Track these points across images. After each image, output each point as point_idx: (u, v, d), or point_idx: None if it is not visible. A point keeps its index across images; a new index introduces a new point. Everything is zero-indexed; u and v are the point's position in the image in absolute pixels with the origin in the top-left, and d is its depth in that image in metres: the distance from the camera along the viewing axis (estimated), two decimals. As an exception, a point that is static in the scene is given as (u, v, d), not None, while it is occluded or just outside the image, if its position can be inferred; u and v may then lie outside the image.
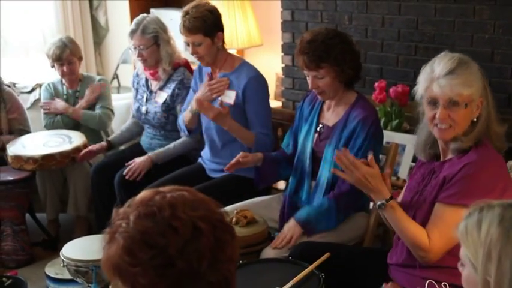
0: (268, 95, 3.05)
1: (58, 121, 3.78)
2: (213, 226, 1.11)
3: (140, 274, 1.08)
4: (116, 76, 5.19)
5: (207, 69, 3.12)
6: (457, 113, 1.92)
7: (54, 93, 3.84)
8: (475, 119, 1.96)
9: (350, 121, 2.48)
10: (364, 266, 2.27)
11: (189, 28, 2.90)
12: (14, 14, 4.88)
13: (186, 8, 2.94)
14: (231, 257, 1.13)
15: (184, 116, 3.17)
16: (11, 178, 3.36)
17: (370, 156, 2.02)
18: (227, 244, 1.13)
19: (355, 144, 2.44)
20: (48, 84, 3.89)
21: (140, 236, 1.08)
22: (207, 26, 2.92)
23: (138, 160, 3.27)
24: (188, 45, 2.97)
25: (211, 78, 3.07)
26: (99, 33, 5.35)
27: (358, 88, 2.63)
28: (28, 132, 3.75)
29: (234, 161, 2.66)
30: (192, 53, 2.97)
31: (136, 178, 3.23)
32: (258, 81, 2.99)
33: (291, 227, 2.45)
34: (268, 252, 2.42)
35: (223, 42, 3.03)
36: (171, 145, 3.34)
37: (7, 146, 3.49)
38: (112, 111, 3.86)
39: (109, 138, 3.64)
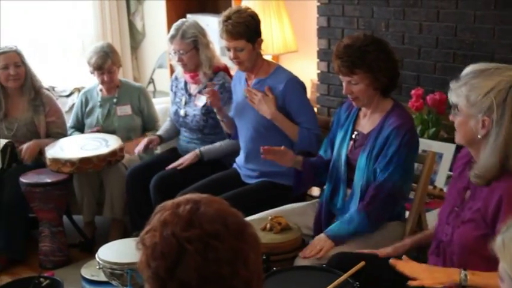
0: (307, 96, 3.06)
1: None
2: (205, 245, 1.10)
3: (151, 286, 1.14)
4: (151, 81, 5.26)
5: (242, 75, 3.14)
6: (457, 119, 1.96)
7: (89, 99, 3.89)
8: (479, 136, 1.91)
9: (384, 129, 2.46)
10: (400, 276, 2.24)
11: (232, 33, 2.91)
12: (54, 19, 4.98)
13: (227, 13, 2.94)
14: (231, 274, 1.11)
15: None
16: (49, 180, 3.42)
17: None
18: (222, 263, 1.11)
19: (388, 152, 2.41)
20: (84, 92, 3.94)
21: (143, 256, 1.14)
22: (249, 31, 2.93)
23: (186, 156, 3.36)
24: (228, 50, 2.98)
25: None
26: (136, 38, 5.42)
27: (394, 95, 2.61)
28: (65, 135, 3.81)
29: (275, 150, 2.65)
30: (233, 58, 2.97)
31: (178, 167, 3.31)
32: (296, 82, 3.01)
33: (322, 240, 2.44)
34: (303, 260, 2.40)
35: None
36: (219, 143, 3.36)
37: (46, 148, 3.55)
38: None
39: (158, 133, 3.68)
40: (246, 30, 2.91)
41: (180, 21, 3.44)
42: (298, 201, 2.91)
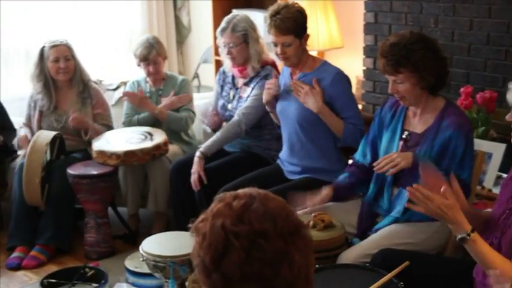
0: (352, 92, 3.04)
1: (134, 121, 3.88)
2: (251, 243, 1.10)
3: (199, 273, 1.17)
4: (196, 75, 5.29)
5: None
6: None
7: (138, 91, 3.94)
8: None
9: (443, 129, 2.41)
10: (445, 276, 2.20)
11: (281, 28, 2.89)
12: (102, 14, 5.06)
13: (276, 8, 2.92)
14: (273, 275, 1.11)
15: None
16: (95, 172, 3.47)
17: (443, 188, 1.87)
18: (264, 264, 1.10)
19: (456, 153, 2.37)
20: (133, 82, 4.00)
21: (195, 244, 1.16)
22: (297, 26, 2.91)
23: (193, 168, 3.28)
24: (275, 45, 2.96)
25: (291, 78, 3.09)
26: (181, 33, 5.47)
27: (442, 93, 2.55)
28: (111, 127, 3.87)
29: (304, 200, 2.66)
30: (280, 54, 2.95)
31: (201, 184, 3.23)
32: (343, 76, 2.99)
33: (404, 156, 2.42)
34: (346, 258, 2.38)
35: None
36: (215, 135, 3.36)
37: (93, 141, 3.62)
38: (195, 113, 3.93)
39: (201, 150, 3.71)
40: (294, 25, 2.89)
41: (231, 14, 3.46)
42: (342, 199, 2.88)
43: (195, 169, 3.25)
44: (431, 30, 3.46)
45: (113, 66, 5.07)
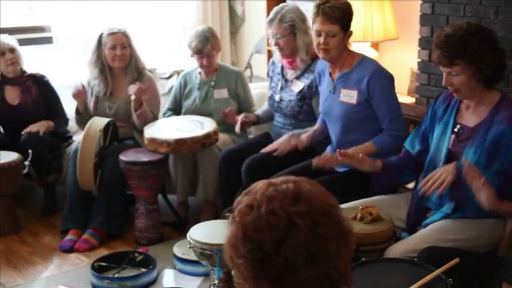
0: (394, 89, 2.96)
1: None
2: (314, 221, 1.08)
3: (243, 266, 1.11)
4: (249, 65, 5.29)
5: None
6: None
7: (188, 82, 3.97)
8: None
9: (496, 123, 2.33)
10: (496, 276, 2.13)
11: (330, 16, 2.85)
12: (157, 3, 5.12)
13: None
14: (336, 253, 1.09)
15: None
16: (146, 159, 3.52)
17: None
18: (329, 240, 1.09)
19: (510, 149, 2.29)
20: (184, 75, 4.02)
21: (241, 230, 1.11)
22: (345, 18, 2.88)
23: (279, 140, 3.31)
24: (319, 35, 2.91)
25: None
26: (235, 23, 5.47)
27: (500, 87, 2.46)
28: (155, 115, 3.86)
29: (352, 156, 2.60)
30: (322, 44, 2.90)
31: (274, 152, 3.25)
32: (382, 73, 2.93)
33: (448, 170, 2.33)
34: (393, 252, 2.34)
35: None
36: (311, 129, 3.31)
37: (144, 128, 3.67)
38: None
39: (256, 113, 3.71)
40: (342, 16, 2.86)
41: (280, 5, 3.43)
42: (391, 192, 2.84)
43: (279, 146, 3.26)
44: (490, 21, 3.34)
45: (166, 55, 5.13)
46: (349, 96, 2.94)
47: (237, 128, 3.58)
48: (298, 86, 3.41)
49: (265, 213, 1.09)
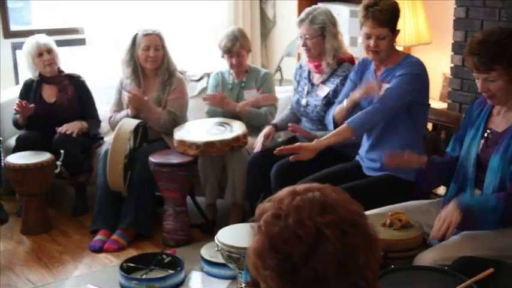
0: (415, 86, 2.89)
1: (218, 111, 3.90)
2: (342, 232, 1.05)
3: (270, 277, 1.08)
4: (279, 68, 5.28)
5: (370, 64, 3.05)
6: None
7: (221, 82, 3.99)
8: None
9: None
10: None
11: (379, 20, 2.82)
12: (189, 6, 5.15)
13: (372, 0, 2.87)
14: (365, 263, 1.07)
15: (335, 109, 3.10)
16: (175, 161, 3.53)
17: None
18: (358, 250, 1.06)
19: None
20: (217, 73, 4.05)
21: (268, 241, 1.08)
22: (394, 20, 2.86)
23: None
24: (368, 38, 2.88)
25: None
26: (266, 25, 5.48)
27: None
28: (177, 116, 3.84)
29: (397, 158, 2.57)
30: (373, 47, 2.87)
31: (279, 177, 3.22)
32: (418, 64, 2.90)
33: (449, 212, 2.27)
34: (423, 259, 2.30)
35: None
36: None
37: (174, 129, 3.68)
38: (276, 108, 3.92)
39: (273, 122, 3.70)
40: (391, 18, 2.84)
41: (313, 6, 3.43)
42: (421, 198, 2.80)
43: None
44: (526, 26, 3.28)
45: (197, 57, 5.15)
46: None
47: (258, 148, 3.54)
48: (324, 90, 3.39)
49: (293, 224, 1.06)
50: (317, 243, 1.04)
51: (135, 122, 3.69)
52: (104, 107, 4.09)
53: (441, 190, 3.17)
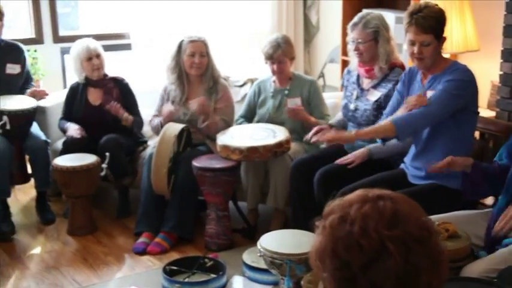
0: (460, 91, 2.84)
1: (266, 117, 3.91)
2: (407, 248, 1.03)
3: (327, 280, 1.08)
4: (322, 75, 5.27)
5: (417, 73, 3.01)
6: None
7: (262, 90, 3.99)
8: None
9: None
10: None
11: (424, 26, 2.80)
12: (233, 12, 5.19)
13: (417, 6, 2.84)
14: (427, 285, 1.04)
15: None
16: (219, 166, 3.55)
17: None
18: (421, 270, 1.03)
19: None
20: (258, 83, 4.04)
21: (331, 244, 1.07)
22: (439, 27, 2.83)
23: (355, 152, 3.29)
24: (413, 44, 2.85)
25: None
26: (309, 31, 5.47)
27: None
28: (229, 124, 3.90)
29: (440, 163, 2.53)
30: (417, 53, 2.85)
31: (348, 166, 3.23)
32: (465, 72, 2.86)
33: None
34: (470, 271, 2.26)
35: None
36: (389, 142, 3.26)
37: (218, 134, 3.71)
38: (329, 115, 3.90)
39: (330, 122, 3.69)
40: (436, 25, 2.81)
41: (365, 11, 3.42)
42: (469, 208, 2.75)
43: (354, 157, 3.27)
44: None
45: (241, 63, 5.18)
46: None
47: (309, 136, 3.51)
48: (375, 95, 3.37)
49: (357, 232, 1.04)
50: (379, 256, 1.03)
51: (180, 126, 3.72)
52: (147, 111, 4.15)
53: (489, 200, 3.10)
